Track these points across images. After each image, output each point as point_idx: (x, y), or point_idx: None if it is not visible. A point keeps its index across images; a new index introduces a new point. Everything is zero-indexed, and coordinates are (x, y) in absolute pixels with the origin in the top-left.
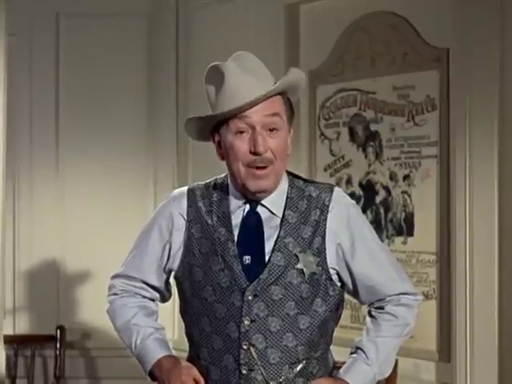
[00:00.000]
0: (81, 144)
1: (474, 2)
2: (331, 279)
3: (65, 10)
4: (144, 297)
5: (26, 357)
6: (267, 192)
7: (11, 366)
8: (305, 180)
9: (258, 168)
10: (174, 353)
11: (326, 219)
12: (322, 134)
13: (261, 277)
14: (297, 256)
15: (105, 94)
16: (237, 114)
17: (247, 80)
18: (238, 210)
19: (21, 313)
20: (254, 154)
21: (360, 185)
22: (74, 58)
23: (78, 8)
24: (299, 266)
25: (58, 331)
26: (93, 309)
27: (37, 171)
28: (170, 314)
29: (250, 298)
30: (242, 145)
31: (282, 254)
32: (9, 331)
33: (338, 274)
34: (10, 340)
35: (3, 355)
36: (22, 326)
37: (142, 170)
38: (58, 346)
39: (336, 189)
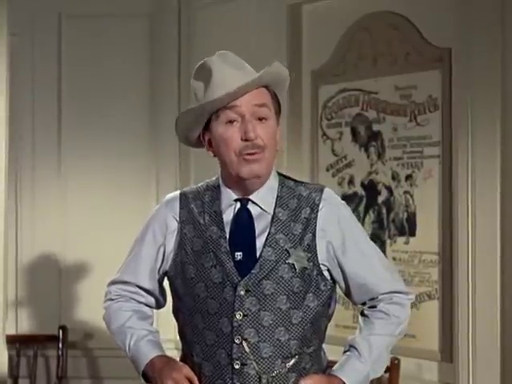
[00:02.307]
0: (83, 144)
1: (476, 1)
2: (322, 274)
3: (67, 9)
4: (139, 302)
5: (28, 357)
6: (260, 179)
7: (13, 365)
8: (295, 181)
9: (249, 154)
10: (168, 354)
11: (316, 217)
12: (324, 134)
13: (252, 272)
14: (288, 251)
15: (107, 94)
16: (227, 104)
17: (234, 72)
18: (229, 208)
19: (23, 313)
20: (246, 140)
21: (362, 185)
22: (75, 58)
23: (80, 8)
24: (290, 260)
25: (61, 331)
26: (95, 309)
27: (39, 171)
28: (170, 314)
29: (242, 292)
30: (233, 133)
31: (272, 250)
32: (11, 331)
33: (329, 271)
34: (12, 340)
35: (5, 355)
36: (24, 325)
37: (144, 171)
38: (60, 345)
39: (326, 189)
